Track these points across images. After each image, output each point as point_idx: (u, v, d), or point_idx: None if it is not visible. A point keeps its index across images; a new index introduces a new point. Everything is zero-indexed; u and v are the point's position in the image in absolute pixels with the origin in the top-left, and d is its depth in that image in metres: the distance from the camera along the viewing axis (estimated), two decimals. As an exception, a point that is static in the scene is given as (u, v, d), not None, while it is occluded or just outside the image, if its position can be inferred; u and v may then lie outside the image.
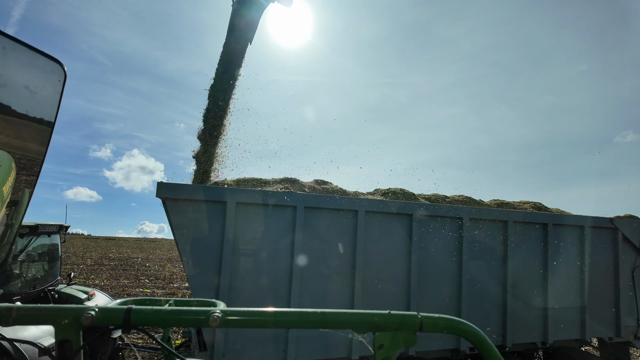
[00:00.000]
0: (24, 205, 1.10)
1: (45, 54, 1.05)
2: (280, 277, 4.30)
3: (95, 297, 5.07)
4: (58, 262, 5.23)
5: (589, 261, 5.96)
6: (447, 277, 5.07)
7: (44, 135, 1.07)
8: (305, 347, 4.29)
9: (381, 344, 0.98)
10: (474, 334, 1.02)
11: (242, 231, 4.20)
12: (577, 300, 5.90)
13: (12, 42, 0.95)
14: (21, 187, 1.07)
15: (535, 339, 5.59)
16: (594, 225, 6.13)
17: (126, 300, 1.32)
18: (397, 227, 4.87)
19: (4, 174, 0.96)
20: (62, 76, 1.10)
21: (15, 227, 1.08)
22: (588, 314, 5.90)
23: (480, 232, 5.33)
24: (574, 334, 5.86)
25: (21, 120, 1.01)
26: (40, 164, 1.09)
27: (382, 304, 4.60)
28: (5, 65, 0.96)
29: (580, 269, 5.96)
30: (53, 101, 1.08)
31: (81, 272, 19.30)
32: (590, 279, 5.97)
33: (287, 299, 4.27)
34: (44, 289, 4.75)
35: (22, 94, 1.02)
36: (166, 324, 0.98)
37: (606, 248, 6.20)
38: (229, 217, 4.12)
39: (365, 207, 4.68)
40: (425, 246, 4.95)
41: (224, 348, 4.00)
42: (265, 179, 5.19)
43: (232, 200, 4.15)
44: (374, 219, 4.77)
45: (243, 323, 0.99)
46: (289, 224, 4.39)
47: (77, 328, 0.93)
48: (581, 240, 6.03)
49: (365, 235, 4.65)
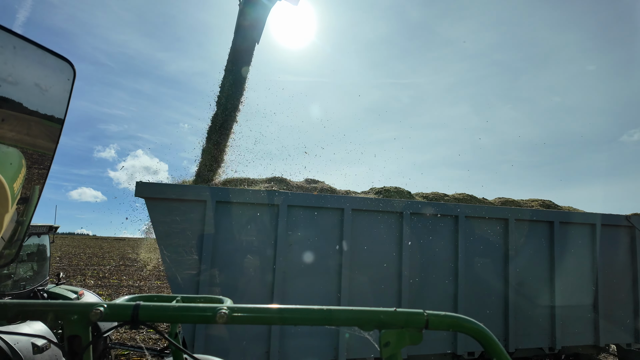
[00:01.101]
0: (34, 203, 1.11)
1: (54, 52, 1.06)
2: (262, 276, 4.20)
3: (85, 297, 5.14)
4: (47, 262, 5.32)
5: (601, 261, 5.58)
6: (442, 278, 4.83)
7: (54, 132, 1.08)
8: (289, 345, 4.17)
9: (387, 341, 0.98)
10: (480, 331, 1.00)
11: (222, 230, 4.13)
12: (589, 302, 5.52)
13: (22, 41, 0.97)
14: (31, 184, 1.07)
15: (542, 343, 5.25)
16: (607, 224, 5.73)
17: (134, 297, 1.34)
18: (386, 225, 4.68)
19: (14, 170, 0.97)
20: (72, 75, 1.12)
21: (25, 224, 1.09)
22: (602, 318, 5.51)
23: (478, 231, 5.06)
24: (586, 339, 5.48)
25: (31, 117, 1.02)
26: (50, 161, 1.10)
27: (369, 306, 4.42)
28: (16, 63, 0.97)
29: (591, 270, 5.59)
30: (62, 99, 1.09)
31: (112, 272, 19.71)
32: (604, 280, 5.59)
33: (270, 298, 4.16)
34: (33, 289, 4.85)
35: (32, 92, 1.03)
36: (173, 320, 1.01)
37: (622, 247, 5.79)
38: (208, 216, 4.06)
39: (351, 205, 4.52)
40: (417, 246, 4.74)
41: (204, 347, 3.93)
42: (253, 179, 5.12)
43: (212, 199, 4.09)
44: (362, 217, 4.60)
45: (249, 320, 0.99)
46: (272, 223, 4.29)
47: (86, 324, 0.95)
48: (592, 239, 5.65)
49: (352, 234, 4.49)
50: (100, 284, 15.84)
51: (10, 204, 0.94)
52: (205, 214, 4.06)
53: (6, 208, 0.92)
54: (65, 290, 5.03)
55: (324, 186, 5.30)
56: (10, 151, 0.98)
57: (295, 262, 4.32)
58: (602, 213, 5.77)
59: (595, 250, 5.60)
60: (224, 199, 4.13)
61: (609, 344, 5.76)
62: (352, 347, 4.36)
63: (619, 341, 5.72)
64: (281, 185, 5.07)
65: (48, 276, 5.29)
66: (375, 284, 4.53)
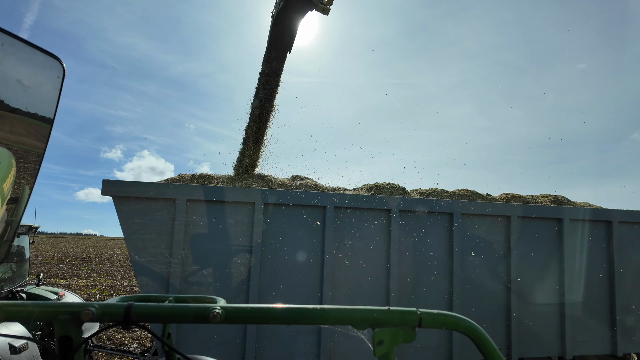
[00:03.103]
0: (24, 203, 1.10)
1: (43, 50, 1.04)
2: (237, 277, 3.98)
3: (65, 298, 5.08)
4: (27, 263, 5.29)
5: (619, 262, 5.06)
6: (435, 281, 4.47)
7: (43, 131, 1.07)
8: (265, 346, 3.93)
9: (380, 340, 0.98)
10: (473, 330, 1.00)
11: (193, 229, 3.94)
12: (605, 308, 5.02)
13: (10, 38, 0.94)
14: (21, 184, 1.06)
15: (550, 352, 4.80)
16: (626, 221, 5.20)
17: (127, 297, 1.33)
18: (372, 224, 4.37)
19: (4, 170, 0.96)
20: (61, 72, 1.09)
21: (15, 225, 1.08)
22: (620, 325, 5.00)
23: (476, 229, 4.67)
24: (602, 348, 4.98)
25: (20, 116, 1.01)
26: (39, 160, 1.09)
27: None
28: (3, 61, 0.95)
29: (608, 271, 5.08)
30: (52, 97, 1.07)
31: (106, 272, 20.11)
32: (622, 283, 5.07)
33: (245, 300, 3.94)
34: (12, 290, 4.81)
35: (20, 90, 1.01)
36: (166, 320, 0.99)
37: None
38: (178, 215, 3.87)
39: (334, 202, 4.23)
40: (407, 246, 4.40)
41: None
42: (232, 176, 4.90)
43: (182, 197, 3.90)
44: (346, 215, 4.30)
45: (243, 319, 0.99)
46: (248, 221, 4.06)
47: (78, 324, 0.94)
48: (608, 237, 5.14)
49: (335, 233, 4.20)
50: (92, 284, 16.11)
51: (0, 204, 0.93)
52: (175, 213, 3.88)
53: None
54: (45, 291, 4.98)
55: (309, 183, 5.03)
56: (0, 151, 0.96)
57: (272, 262, 4.08)
58: (621, 209, 5.25)
59: (612, 250, 5.10)
60: (195, 197, 3.93)
61: (629, 353, 5.22)
62: (335, 353, 4.08)
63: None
64: (263, 182, 4.83)
65: (27, 277, 5.26)
66: (357, 287, 4.23)
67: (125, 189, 3.80)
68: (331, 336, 4.06)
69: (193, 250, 3.91)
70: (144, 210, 3.85)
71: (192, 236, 3.92)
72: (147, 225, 3.84)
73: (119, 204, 3.81)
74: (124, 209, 3.82)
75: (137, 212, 3.83)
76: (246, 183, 4.74)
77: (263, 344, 3.96)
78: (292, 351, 4.00)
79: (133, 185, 3.83)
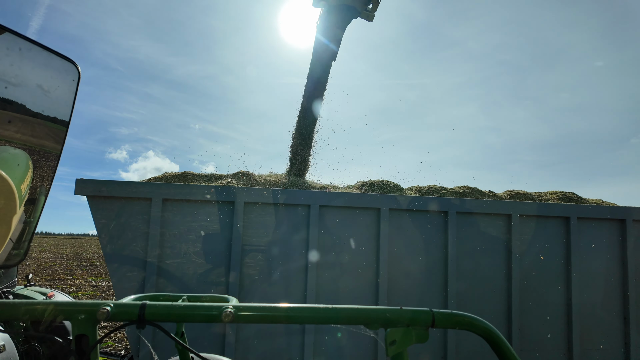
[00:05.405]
0: (41, 203, 1.12)
1: (59, 54, 1.06)
2: (216, 279, 3.84)
3: (55, 298, 5.06)
4: None
5: (633, 263, 4.68)
6: (429, 284, 4.22)
7: (60, 133, 1.09)
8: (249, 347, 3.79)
9: (393, 339, 0.97)
10: (488, 331, 0.98)
11: (171, 229, 3.82)
12: (616, 313, 4.66)
13: (28, 43, 0.96)
14: (38, 185, 1.08)
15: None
16: (641, 219, 4.81)
17: (140, 296, 1.34)
18: (361, 224, 4.15)
19: (22, 172, 0.97)
20: (76, 76, 1.11)
21: (33, 225, 1.10)
22: (635, 331, 4.63)
23: (474, 229, 4.39)
24: (613, 355, 4.62)
25: (37, 119, 1.02)
26: (56, 162, 1.11)
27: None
28: (22, 65, 0.97)
29: (621, 274, 4.71)
30: (68, 100, 1.09)
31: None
32: (637, 285, 4.69)
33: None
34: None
35: (37, 93, 1.03)
36: (180, 319, 0.99)
37: None
38: (154, 215, 3.76)
39: (318, 201, 4.04)
40: (398, 247, 4.16)
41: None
42: (218, 174, 4.77)
43: (159, 196, 3.78)
44: (332, 214, 4.11)
45: (255, 318, 0.99)
46: (227, 221, 3.92)
47: (93, 323, 0.95)
48: (622, 237, 4.76)
49: (320, 234, 4.01)
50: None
51: (18, 205, 0.94)
52: (150, 213, 3.77)
53: (14, 209, 0.92)
54: (33, 292, 4.97)
55: (296, 181, 4.84)
56: (17, 153, 0.98)
57: (253, 265, 3.92)
58: (635, 207, 4.86)
59: (626, 251, 4.72)
60: (172, 197, 3.81)
61: None
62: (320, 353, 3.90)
63: (657, 359, 4.79)
64: (243, 180, 4.67)
65: (16, 277, 5.27)
66: (342, 291, 4.02)
67: (100, 188, 3.71)
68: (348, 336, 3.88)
69: (169, 249, 3.80)
70: (119, 210, 3.76)
71: (168, 235, 3.81)
72: (122, 225, 3.75)
73: (93, 204, 3.72)
74: (99, 209, 3.73)
75: (112, 212, 3.74)
76: (228, 182, 4.59)
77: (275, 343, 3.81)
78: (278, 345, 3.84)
79: (107, 184, 3.74)
